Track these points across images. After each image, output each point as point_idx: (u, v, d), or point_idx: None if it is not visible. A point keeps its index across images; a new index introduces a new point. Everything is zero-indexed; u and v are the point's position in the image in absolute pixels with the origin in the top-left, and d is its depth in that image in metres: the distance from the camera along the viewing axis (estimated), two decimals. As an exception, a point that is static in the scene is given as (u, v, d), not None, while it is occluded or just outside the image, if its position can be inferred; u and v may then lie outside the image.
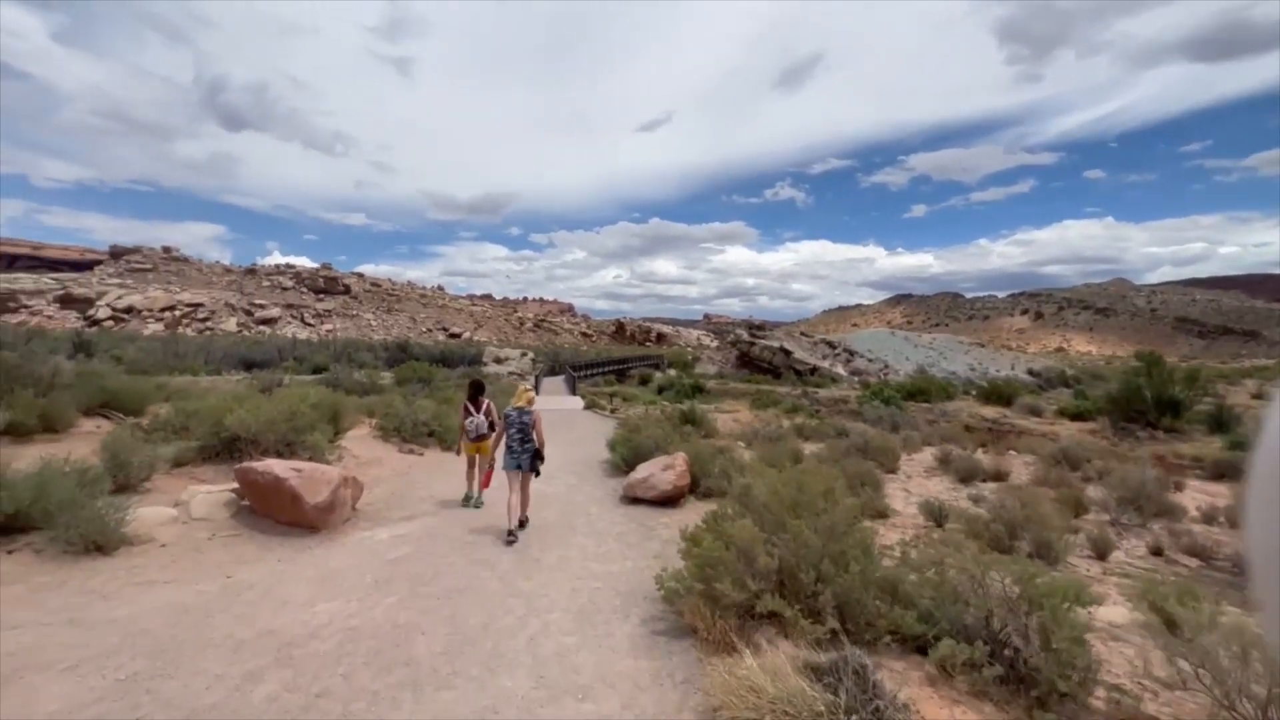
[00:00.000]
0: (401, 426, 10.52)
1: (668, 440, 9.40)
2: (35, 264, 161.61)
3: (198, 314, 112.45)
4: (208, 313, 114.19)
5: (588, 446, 12.53)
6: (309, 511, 5.48)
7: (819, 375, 59.29)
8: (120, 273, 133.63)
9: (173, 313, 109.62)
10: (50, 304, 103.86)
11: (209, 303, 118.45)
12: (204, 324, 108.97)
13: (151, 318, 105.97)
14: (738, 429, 17.57)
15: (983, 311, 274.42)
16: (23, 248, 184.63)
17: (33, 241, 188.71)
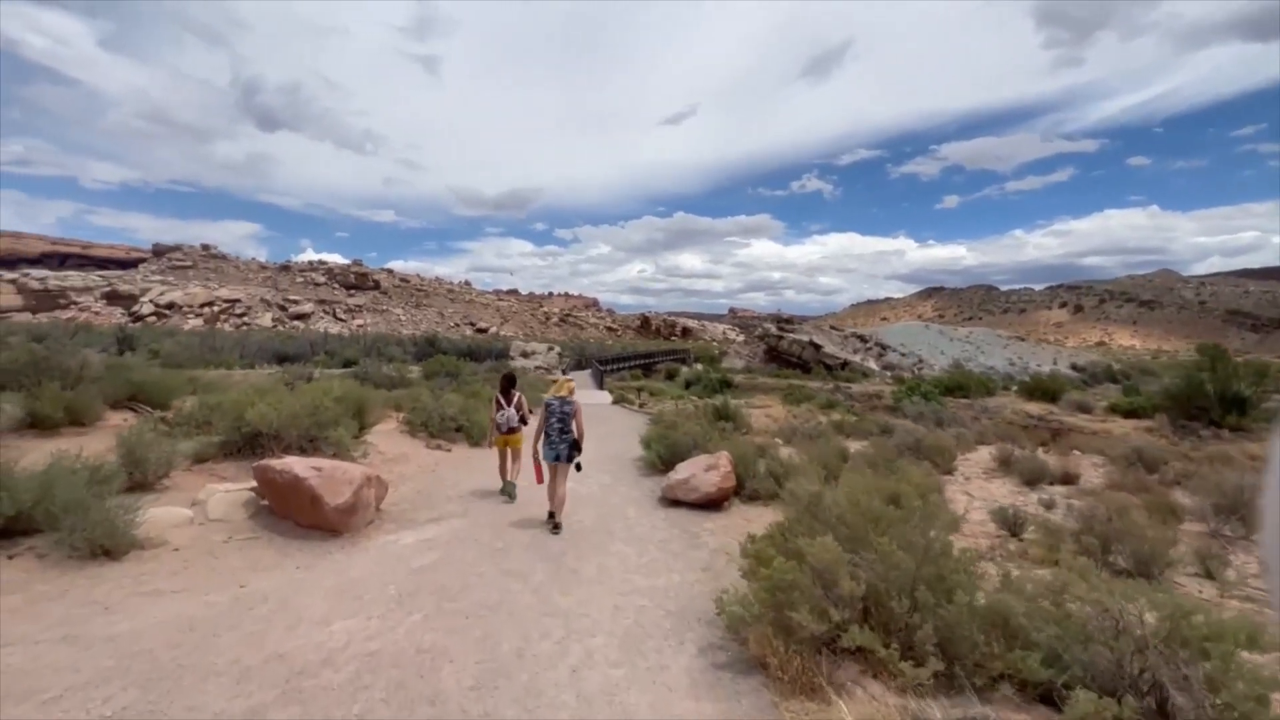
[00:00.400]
0: (429, 421, 10.18)
1: (706, 438, 8.85)
2: (85, 262, 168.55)
3: (235, 309, 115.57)
4: (244, 308, 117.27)
5: (619, 442, 12.05)
6: (329, 514, 5.09)
7: (850, 370, 57.93)
8: (162, 270, 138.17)
9: (211, 308, 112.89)
10: (97, 300, 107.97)
11: (245, 298, 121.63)
12: (241, 319, 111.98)
13: (191, 313, 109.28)
14: (772, 425, 16.92)
15: (1018, 304, 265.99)
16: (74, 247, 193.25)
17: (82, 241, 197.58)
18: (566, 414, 5.90)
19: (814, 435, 13.15)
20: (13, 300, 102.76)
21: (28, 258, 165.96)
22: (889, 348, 62.06)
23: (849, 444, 12.67)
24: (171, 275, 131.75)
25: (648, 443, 9.36)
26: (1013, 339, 57.83)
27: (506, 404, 6.99)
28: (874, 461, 9.16)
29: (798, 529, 3.76)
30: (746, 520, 6.37)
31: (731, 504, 6.91)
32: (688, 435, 8.78)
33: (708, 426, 9.48)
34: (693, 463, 7.18)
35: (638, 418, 17.74)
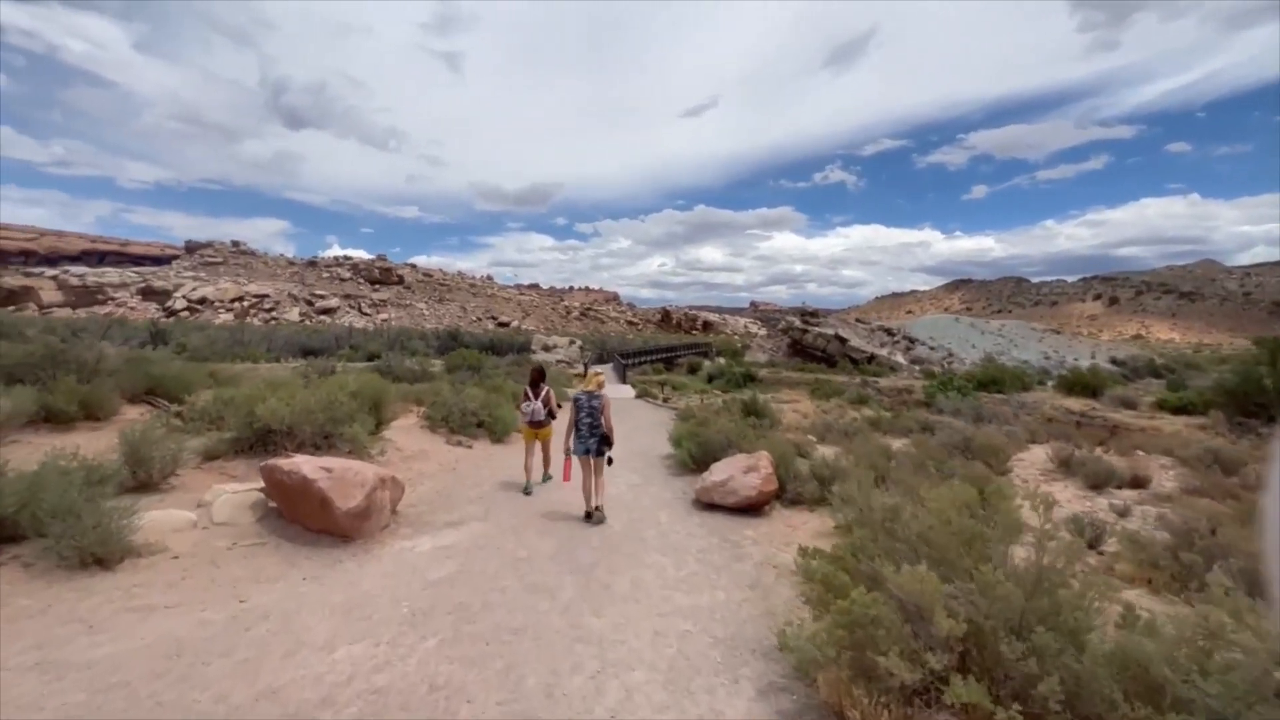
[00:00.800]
0: (449, 417, 9.80)
1: (740, 435, 8.30)
2: (122, 259, 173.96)
3: (264, 304, 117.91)
4: (273, 303, 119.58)
5: (645, 438, 11.55)
6: (340, 518, 4.68)
7: (877, 364, 56.63)
8: (194, 266, 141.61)
9: (241, 303, 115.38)
10: (133, 296, 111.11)
11: (273, 293, 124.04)
12: (269, 314, 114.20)
13: (222, 308, 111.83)
14: (803, 422, 16.27)
15: (1050, 297, 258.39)
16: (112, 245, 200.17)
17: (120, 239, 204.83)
18: (595, 408, 5.88)
19: (850, 432, 12.49)
20: (54, 296, 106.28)
21: (69, 255, 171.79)
22: (917, 341, 60.46)
23: (889, 441, 12.00)
24: (203, 271, 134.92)
25: (678, 440, 8.84)
26: (1047, 332, 55.83)
27: (534, 397, 6.95)
28: (920, 462, 8.51)
29: (870, 549, 3.20)
30: (790, 527, 5.82)
31: (773, 508, 6.36)
32: (720, 433, 8.24)
33: (741, 423, 8.92)
34: (730, 463, 6.64)
35: (662, 412, 17.24)
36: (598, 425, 5.87)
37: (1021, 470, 9.08)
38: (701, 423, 8.90)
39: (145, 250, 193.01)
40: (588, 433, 5.86)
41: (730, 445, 8.06)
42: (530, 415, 6.89)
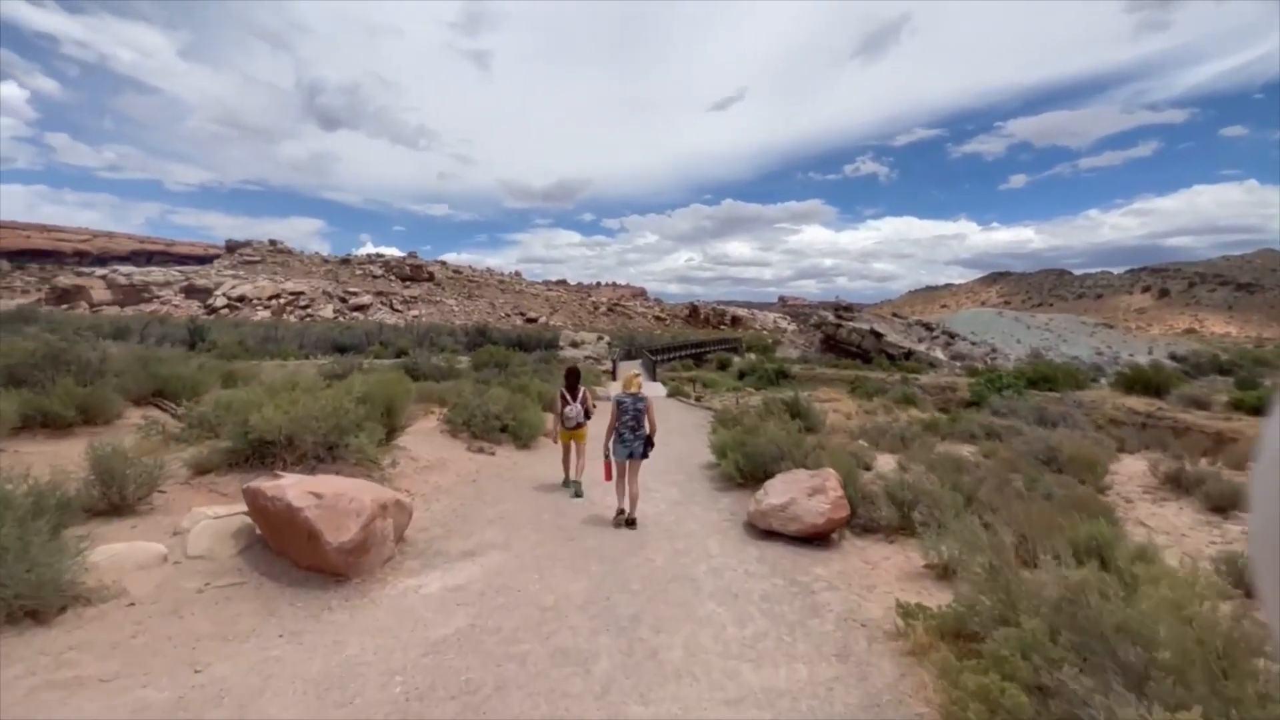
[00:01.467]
0: (470, 421, 9.04)
1: (794, 445, 7.31)
2: (168, 259, 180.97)
3: (299, 301, 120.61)
4: (308, 300, 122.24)
5: (682, 443, 10.64)
6: (331, 555, 3.90)
7: (915, 360, 54.59)
8: (234, 265, 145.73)
9: (278, 300, 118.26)
10: (177, 294, 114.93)
11: (309, 291, 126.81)
12: (304, 311, 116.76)
13: (260, 305, 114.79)
14: (848, 424, 15.14)
15: (1094, 290, 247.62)
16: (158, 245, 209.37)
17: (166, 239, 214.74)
18: (640, 410, 5.80)
19: (906, 438, 11.35)
20: (104, 295, 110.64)
21: (119, 255, 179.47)
22: (957, 336, 58.03)
23: (952, 449, 10.84)
24: (242, 270, 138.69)
25: (722, 449, 7.90)
26: (1099, 326, 52.84)
27: (572, 399, 6.92)
28: (1003, 477, 7.40)
29: (1041, 644, 2.22)
30: (868, 564, 4.83)
31: (842, 536, 5.37)
32: (771, 443, 7.26)
33: (793, 431, 7.93)
34: (790, 482, 5.67)
35: (697, 413, 16.29)
36: (641, 427, 5.77)
37: (1121, 487, 7.87)
38: (749, 431, 7.93)
39: (189, 250, 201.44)
40: (631, 435, 5.74)
41: (783, 457, 7.08)
42: (574, 418, 6.84)
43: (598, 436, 6.37)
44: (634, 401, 5.82)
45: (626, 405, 5.81)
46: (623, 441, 5.77)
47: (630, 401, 5.82)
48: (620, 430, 5.80)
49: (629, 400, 5.83)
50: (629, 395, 5.87)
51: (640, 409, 5.82)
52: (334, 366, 21.10)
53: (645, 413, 5.83)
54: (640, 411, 5.82)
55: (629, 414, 5.78)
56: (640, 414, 5.81)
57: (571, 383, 7.06)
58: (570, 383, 7.06)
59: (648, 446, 5.81)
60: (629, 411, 5.79)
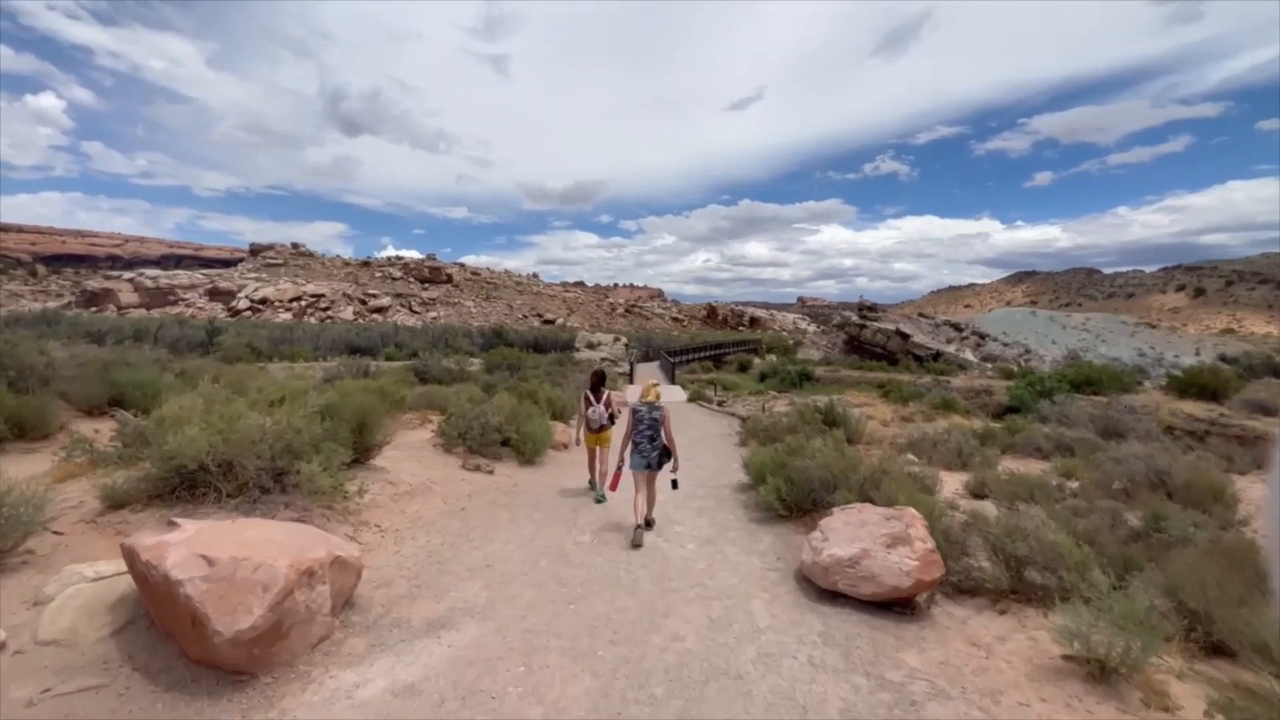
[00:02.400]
0: (467, 433, 7.88)
1: (848, 468, 5.99)
2: (196, 262, 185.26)
3: (320, 304, 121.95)
4: (328, 302, 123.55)
5: (708, 456, 9.39)
6: (223, 649, 2.72)
7: (944, 361, 52.55)
8: (257, 268, 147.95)
9: (299, 303, 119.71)
10: (201, 296, 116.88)
11: (329, 293, 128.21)
12: (325, 312, 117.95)
13: (282, 307, 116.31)
14: (883, 430, 13.72)
15: (1126, 289, 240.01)
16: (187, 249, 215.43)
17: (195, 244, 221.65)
18: (656, 420, 5.68)
19: (961, 451, 9.92)
20: (131, 298, 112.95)
21: (149, 259, 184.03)
22: (988, 337, 55.76)
23: (1019, 465, 9.40)
24: (265, 272, 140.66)
25: (760, 472, 6.61)
26: (1140, 325, 50.20)
27: (596, 401, 6.81)
28: (1107, 507, 5.99)
29: None
30: (978, 648, 3.50)
31: (931, 599, 4.05)
32: (822, 466, 5.95)
33: (845, 451, 6.59)
34: (855, 523, 4.36)
35: (721, 420, 15.00)
36: (657, 438, 5.64)
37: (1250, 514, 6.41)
38: (792, 451, 6.62)
39: (216, 254, 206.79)
40: (648, 445, 5.62)
41: (835, 483, 5.78)
42: (598, 421, 6.76)
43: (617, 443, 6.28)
44: (650, 411, 5.69)
45: (642, 415, 5.68)
46: (639, 452, 5.63)
47: (646, 411, 5.69)
48: (637, 440, 5.67)
49: (645, 410, 5.70)
50: (645, 405, 5.73)
51: (656, 419, 5.68)
52: (340, 369, 20.21)
53: (662, 423, 5.67)
54: (656, 421, 5.67)
55: (645, 424, 5.65)
56: (656, 424, 5.66)
57: (596, 385, 6.94)
58: (595, 384, 6.95)
59: (663, 457, 5.63)
60: (645, 421, 5.66)
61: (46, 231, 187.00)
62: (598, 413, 6.78)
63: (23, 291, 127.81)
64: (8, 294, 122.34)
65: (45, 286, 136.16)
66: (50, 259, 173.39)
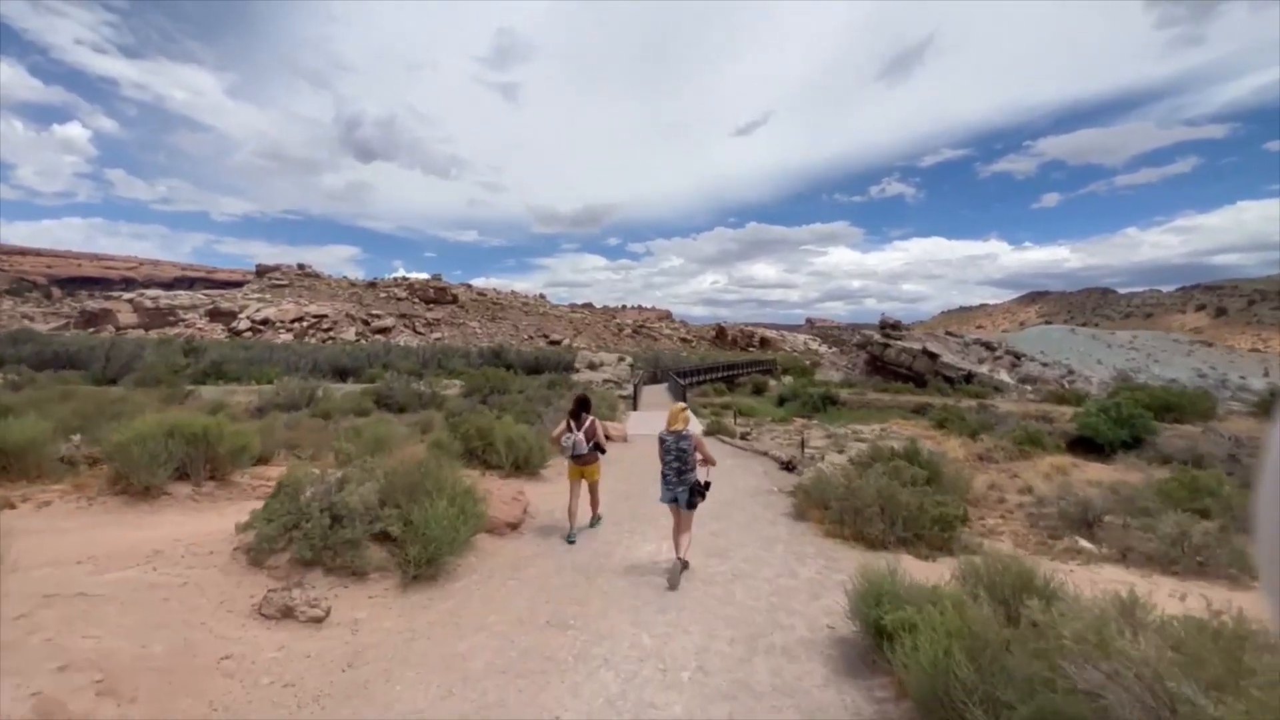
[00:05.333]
0: (308, 530, 4.17)
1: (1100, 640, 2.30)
2: (209, 285, 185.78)
3: (322, 324, 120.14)
4: (331, 323, 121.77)
5: (747, 539, 5.73)
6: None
7: (977, 382, 48.38)
8: (262, 289, 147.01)
9: (301, 323, 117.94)
10: (202, 317, 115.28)
11: (332, 314, 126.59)
12: (327, 333, 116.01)
13: (283, 328, 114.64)
14: (985, 481, 9.96)
15: (1143, 308, 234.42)
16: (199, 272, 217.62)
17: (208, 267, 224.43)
18: (684, 450, 5.11)
19: (1178, 540, 6.14)
20: (130, 318, 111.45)
21: (162, 282, 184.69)
22: (1024, 356, 51.68)
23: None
24: (269, 293, 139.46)
25: (878, 621, 2.92)
26: (1196, 344, 46.02)
27: (577, 428, 6.13)
28: None
29: None
30: None
31: None
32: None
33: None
34: None
35: (752, 462, 11.21)
36: (686, 470, 5.07)
37: None
38: (961, 608, 2.90)
39: (229, 276, 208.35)
40: (675, 479, 5.09)
41: None
42: (572, 448, 6.03)
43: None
44: (676, 440, 5.09)
45: (669, 444, 5.12)
46: (667, 485, 5.13)
47: (673, 440, 5.10)
48: (665, 472, 5.17)
49: (671, 439, 5.11)
50: (671, 434, 5.14)
51: (685, 449, 5.08)
52: (276, 394, 16.64)
53: (692, 451, 5.09)
54: (685, 452, 5.08)
55: (671, 454, 5.11)
56: (685, 453, 5.08)
57: (578, 409, 6.29)
58: (576, 409, 6.30)
59: (694, 494, 5.01)
60: (671, 452, 5.11)
61: (63, 255, 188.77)
62: (572, 440, 6.03)
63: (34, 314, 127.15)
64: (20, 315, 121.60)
65: (58, 309, 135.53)
66: (65, 282, 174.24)
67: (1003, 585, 3.50)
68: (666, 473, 5.15)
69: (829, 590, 4.45)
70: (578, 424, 6.18)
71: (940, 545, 5.73)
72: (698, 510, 5.11)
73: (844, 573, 4.85)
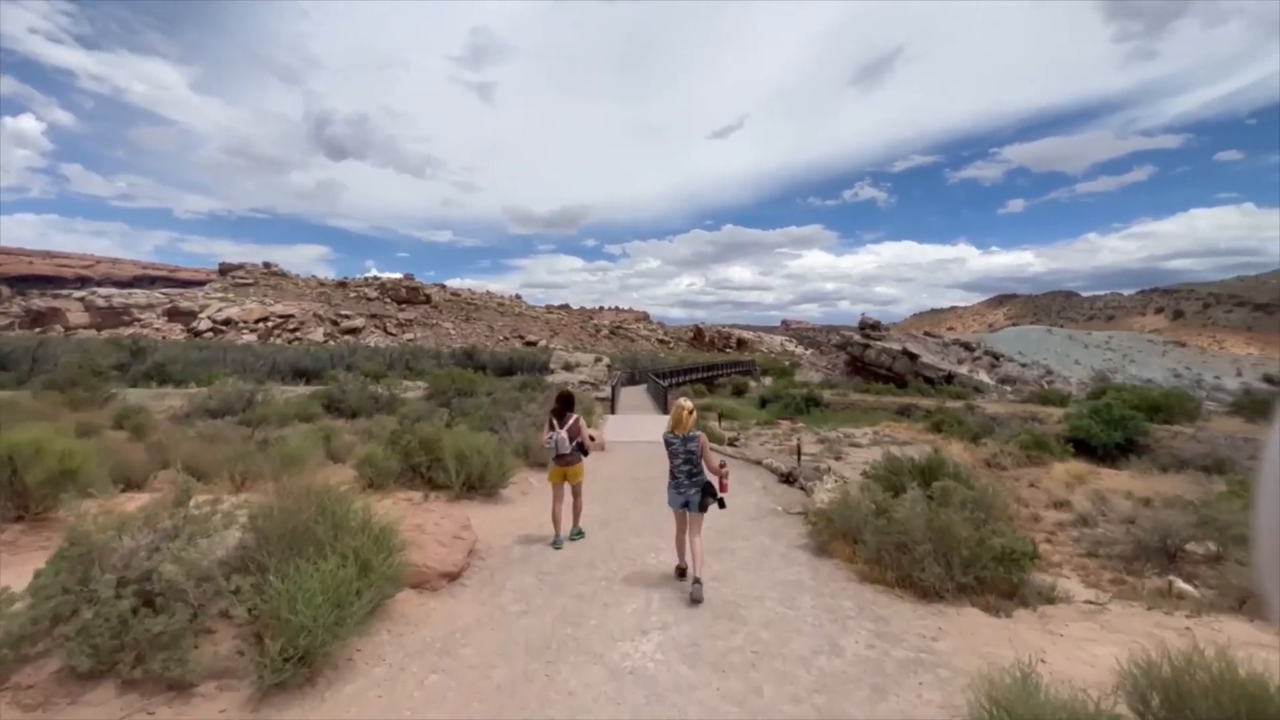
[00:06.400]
0: (89, 631, 2.62)
1: None
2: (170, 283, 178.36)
3: (288, 325, 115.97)
4: (297, 323, 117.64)
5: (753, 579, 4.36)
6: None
7: (957, 383, 48.06)
8: (225, 288, 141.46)
9: (265, 324, 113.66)
10: (159, 317, 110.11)
11: (299, 314, 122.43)
12: (293, 334, 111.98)
13: (247, 328, 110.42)
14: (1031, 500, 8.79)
15: (1105, 311, 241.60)
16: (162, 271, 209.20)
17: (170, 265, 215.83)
18: (692, 452, 4.82)
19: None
20: (81, 318, 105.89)
21: (120, 281, 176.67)
22: (1003, 357, 51.66)
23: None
24: (233, 292, 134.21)
25: None
26: (1170, 344, 46.41)
27: (560, 426, 5.93)
28: None
29: None
30: None
31: None
32: None
33: None
34: None
35: (746, 473, 9.76)
36: (697, 471, 4.77)
37: None
38: None
39: (192, 276, 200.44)
40: (687, 481, 4.79)
41: None
42: (555, 447, 5.83)
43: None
44: (683, 443, 4.80)
45: (676, 447, 4.84)
46: (677, 488, 4.80)
47: (680, 444, 4.81)
48: (674, 474, 4.83)
49: (677, 442, 4.82)
50: (677, 437, 4.82)
51: (693, 450, 4.79)
52: (209, 398, 14.80)
53: (700, 454, 4.79)
54: (693, 453, 4.79)
55: (680, 457, 4.81)
56: (694, 455, 4.79)
57: (561, 408, 6.09)
58: (559, 407, 6.10)
59: (707, 496, 4.71)
60: (680, 455, 4.81)
61: (14, 252, 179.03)
62: (554, 439, 5.81)
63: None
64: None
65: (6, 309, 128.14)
66: (15, 280, 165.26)
67: (1192, 693, 2.20)
68: (676, 475, 4.87)
69: (896, 680, 3.10)
70: (560, 422, 6.00)
71: (1010, 592, 4.43)
72: None
73: (905, 645, 3.50)
